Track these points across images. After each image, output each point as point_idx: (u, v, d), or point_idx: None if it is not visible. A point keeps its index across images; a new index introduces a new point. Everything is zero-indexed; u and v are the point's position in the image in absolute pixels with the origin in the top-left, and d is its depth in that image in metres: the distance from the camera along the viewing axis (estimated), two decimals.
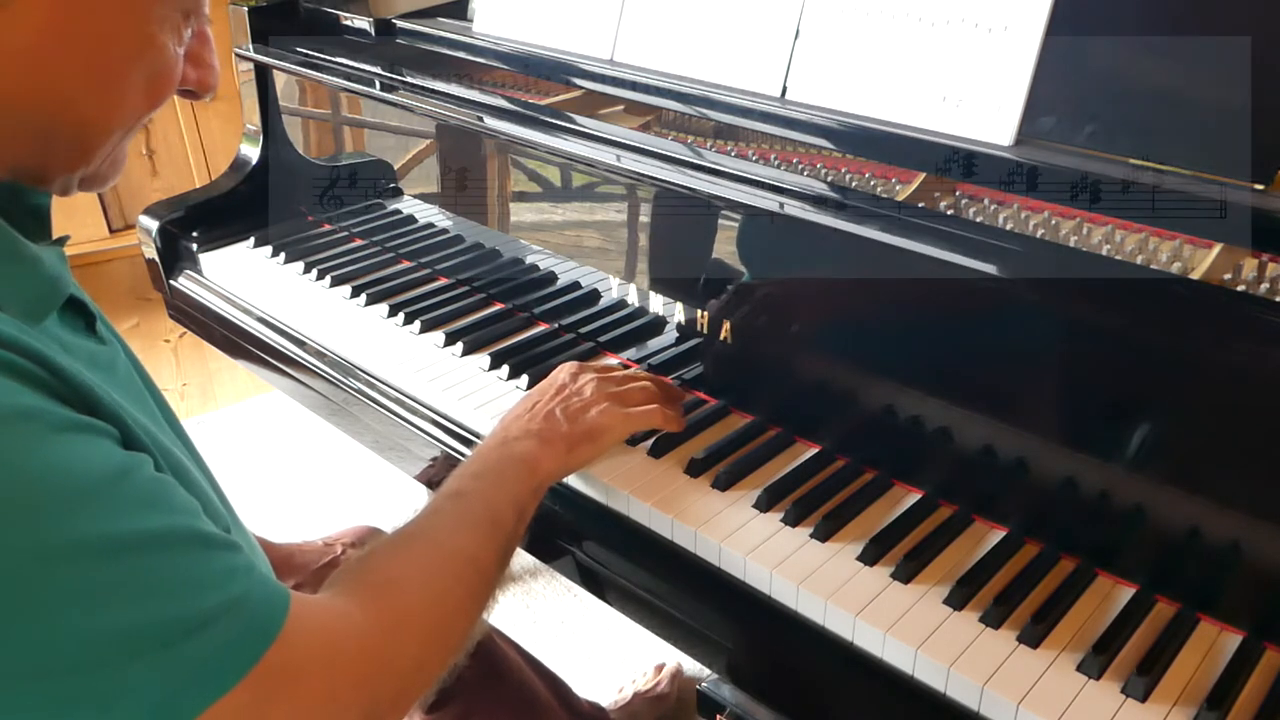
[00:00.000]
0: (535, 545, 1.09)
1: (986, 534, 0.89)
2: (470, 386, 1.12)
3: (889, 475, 0.96)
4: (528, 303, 1.25)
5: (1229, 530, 0.76)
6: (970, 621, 0.80)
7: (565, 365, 0.98)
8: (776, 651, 0.87)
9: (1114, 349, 0.80)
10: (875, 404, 0.94)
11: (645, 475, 0.97)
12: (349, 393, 1.21)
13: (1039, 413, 0.85)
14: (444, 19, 1.45)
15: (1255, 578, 0.77)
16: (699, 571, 0.90)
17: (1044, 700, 0.73)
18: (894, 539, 0.88)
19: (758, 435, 1.02)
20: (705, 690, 0.94)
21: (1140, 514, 0.81)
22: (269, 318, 1.33)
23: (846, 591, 0.83)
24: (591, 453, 0.91)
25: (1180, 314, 0.75)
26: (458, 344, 1.19)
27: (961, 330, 0.87)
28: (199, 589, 0.52)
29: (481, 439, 1.07)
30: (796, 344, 0.99)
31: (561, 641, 1.74)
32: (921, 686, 0.78)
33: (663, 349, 1.12)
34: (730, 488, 0.95)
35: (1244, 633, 0.78)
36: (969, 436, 0.89)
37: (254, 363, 1.36)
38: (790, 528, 0.90)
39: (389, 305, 1.28)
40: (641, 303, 1.13)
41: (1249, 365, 0.73)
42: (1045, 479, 0.85)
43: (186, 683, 0.50)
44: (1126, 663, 0.76)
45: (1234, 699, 0.73)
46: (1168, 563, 0.81)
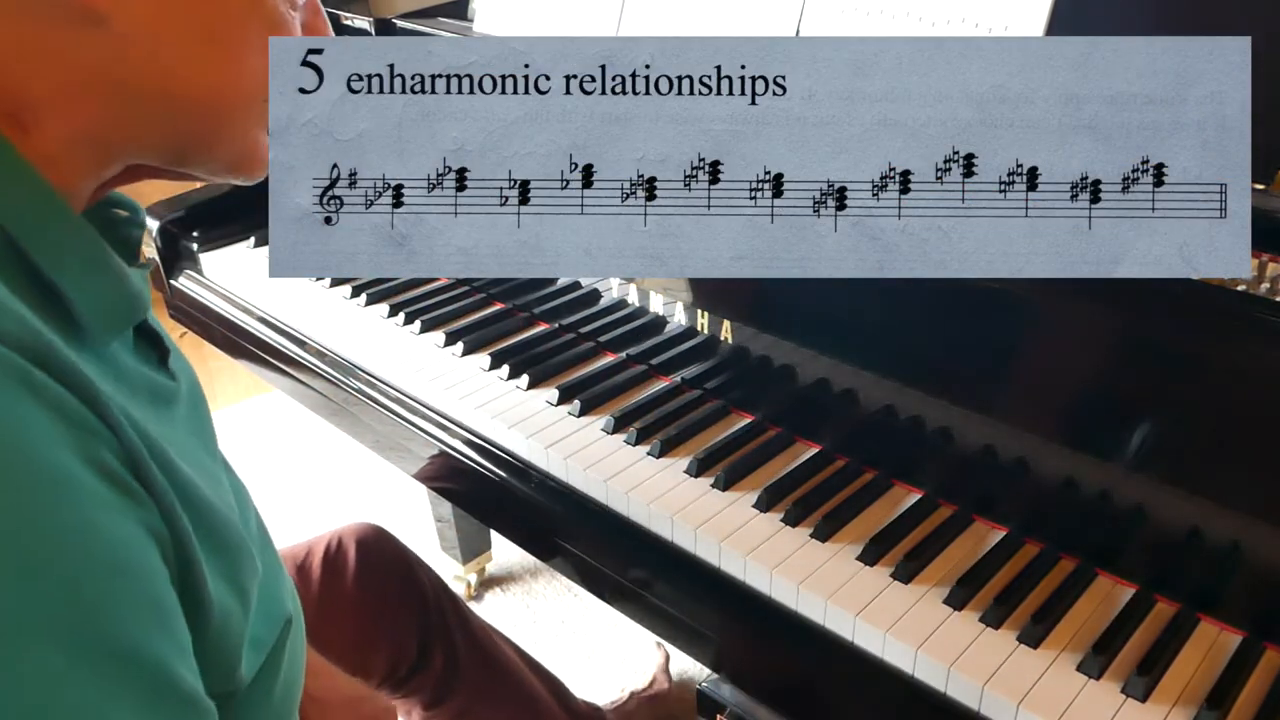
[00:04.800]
0: (535, 545, 1.10)
1: (987, 534, 0.89)
2: (470, 386, 1.12)
3: (889, 475, 0.96)
4: (528, 303, 1.25)
5: (1229, 530, 0.76)
6: (970, 621, 0.80)
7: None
8: (776, 651, 0.87)
9: (1114, 349, 0.80)
10: (875, 404, 0.94)
11: (645, 474, 0.97)
12: (349, 392, 1.21)
13: (1039, 412, 0.85)
14: (444, 19, 1.45)
15: (1255, 578, 0.77)
16: (699, 571, 0.90)
17: (1044, 700, 0.73)
18: (894, 539, 0.88)
19: (758, 435, 1.02)
20: (705, 690, 0.94)
21: (1140, 514, 0.81)
22: (269, 317, 1.33)
23: (846, 591, 0.83)
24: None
25: (1180, 313, 0.75)
26: (458, 344, 1.19)
27: (961, 330, 0.87)
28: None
29: (482, 439, 1.07)
30: (796, 344, 0.99)
31: (561, 641, 1.74)
32: (922, 686, 0.78)
33: (663, 349, 1.12)
34: (730, 487, 0.95)
35: (1244, 633, 0.78)
36: (969, 436, 0.89)
37: (254, 362, 1.36)
38: (790, 528, 0.90)
39: (389, 305, 1.28)
40: (641, 303, 1.13)
41: (1249, 365, 0.73)
42: (1045, 479, 0.85)
43: None
44: (1127, 663, 0.76)
45: (1234, 699, 0.73)
46: (1168, 563, 0.81)
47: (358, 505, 2.07)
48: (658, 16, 1.15)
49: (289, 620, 0.62)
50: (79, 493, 0.44)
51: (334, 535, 1.13)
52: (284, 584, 0.65)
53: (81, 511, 0.43)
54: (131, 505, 0.47)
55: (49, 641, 0.41)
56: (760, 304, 1.02)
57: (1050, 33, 0.88)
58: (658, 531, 0.93)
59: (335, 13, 1.49)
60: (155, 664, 0.46)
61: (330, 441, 2.17)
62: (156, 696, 0.45)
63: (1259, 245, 0.76)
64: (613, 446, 1.01)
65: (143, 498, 0.47)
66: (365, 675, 1.11)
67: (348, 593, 1.10)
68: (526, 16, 1.29)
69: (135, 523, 0.46)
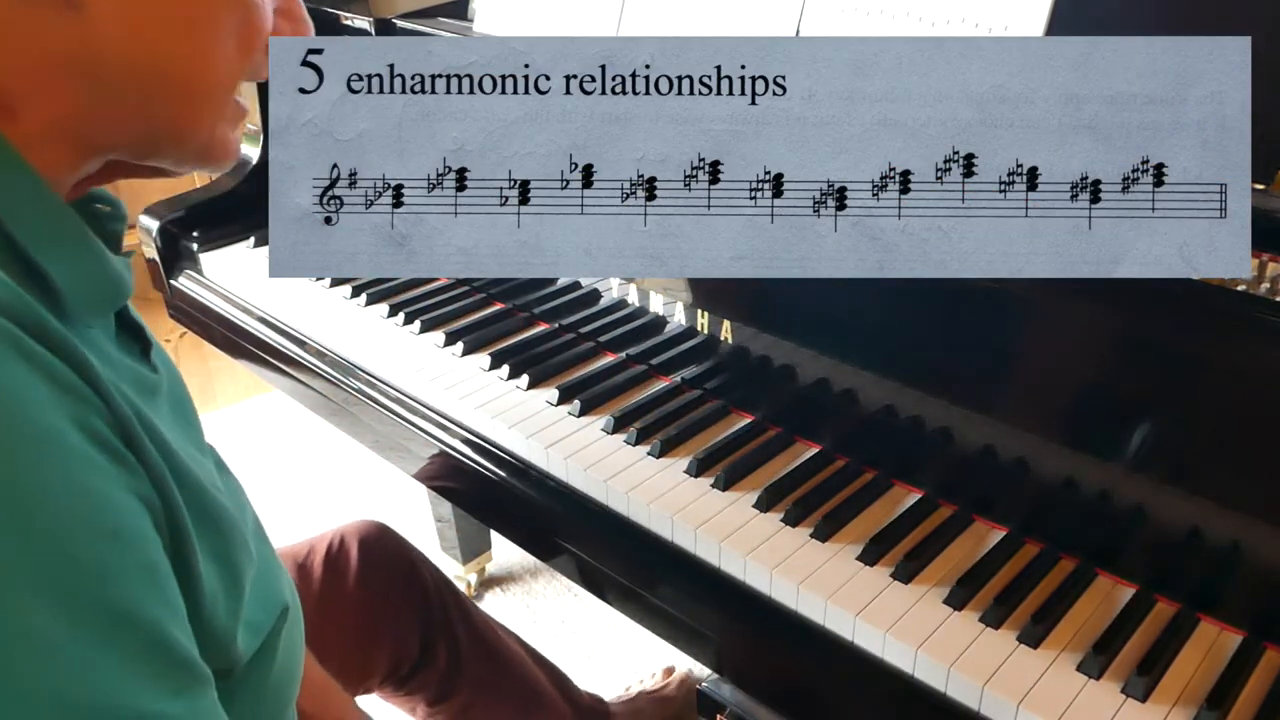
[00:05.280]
0: (535, 545, 1.10)
1: (986, 534, 0.89)
2: (470, 386, 1.12)
3: (889, 475, 0.96)
4: (528, 303, 1.25)
5: (1229, 530, 0.76)
6: (970, 621, 0.80)
7: None
8: (776, 652, 0.87)
9: (1114, 349, 0.80)
10: (875, 404, 0.94)
11: (645, 474, 0.97)
12: (349, 392, 1.21)
13: (1039, 412, 0.85)
14: (444, 19, 1.45)
15: (1255, 578, 0.77)
16: (699, 571, 0.90)
17: (1044, 700, 0.73)
18: (894, 539, 0.88)
19: (758, 435, 1.02)
20: (705, 690, 0.95)
21: (1140, 514, 0.81)
22: (269, 317, 1.33)
23: (846, 591, 0.83)
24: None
25: (1180, 313, 0.75)
26: (458, 344, 1.19)
27: (961, 330, 0.87)
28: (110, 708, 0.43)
29: (482, 439, 1.07)
30: (796, 344, 0.99)
31: (562, 641, 1.74)
32: (922, 686, 0.78)
33: (663, 349, 1.12)
34: (730, 487, 0.95)
35: (1244, 633, 0.78)
36: (969, 436, 0.89)
37: (254, 362, 1.36)
38: (790, 528, 0.90)
39: (389, 305, 1.29)
40: (641, 303, 1.13)
41: (1249, 365, 0.73)
42: (1045, 479, 0.85)
43: None
44: (1127, 663, 0.76)
45: (1234, 699, 0.73)
46: (1168, 563, 0.81)
47: (357, 505, 2.07)
48: (658, 16, 1.15)
49: (286, 609, 0.62)
50: (70, 455, 0.44)
51: (336, 533, 1.13)
52: (282, 577, 0.65)
53: (73, 474, 0.44)
54: (123, 472, 0.47)
55: (40, 598, 0.41)
56: (760, 304, 1.02)
57: (1050, 33, 0.88)
58: (658, 531, 0.93)
59: (335, 13, 1.49)
60: (149, 625, 0.46)
61: (330, 441, 2.17)
62: (151, 656, 0.46)
63: (1259, 245, 0.76)
64: (613, 446, 1.01)
65: (134, 466, 0.48)
66: (367, 673, 1.11)
67: (349, 591, 1.10)
68: (526, 16, 1.29)
69: (125, 489, 0.47)
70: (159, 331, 2.65)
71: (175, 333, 2.31)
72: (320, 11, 1.51)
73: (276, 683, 0.62)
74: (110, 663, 0.44)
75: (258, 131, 1.53)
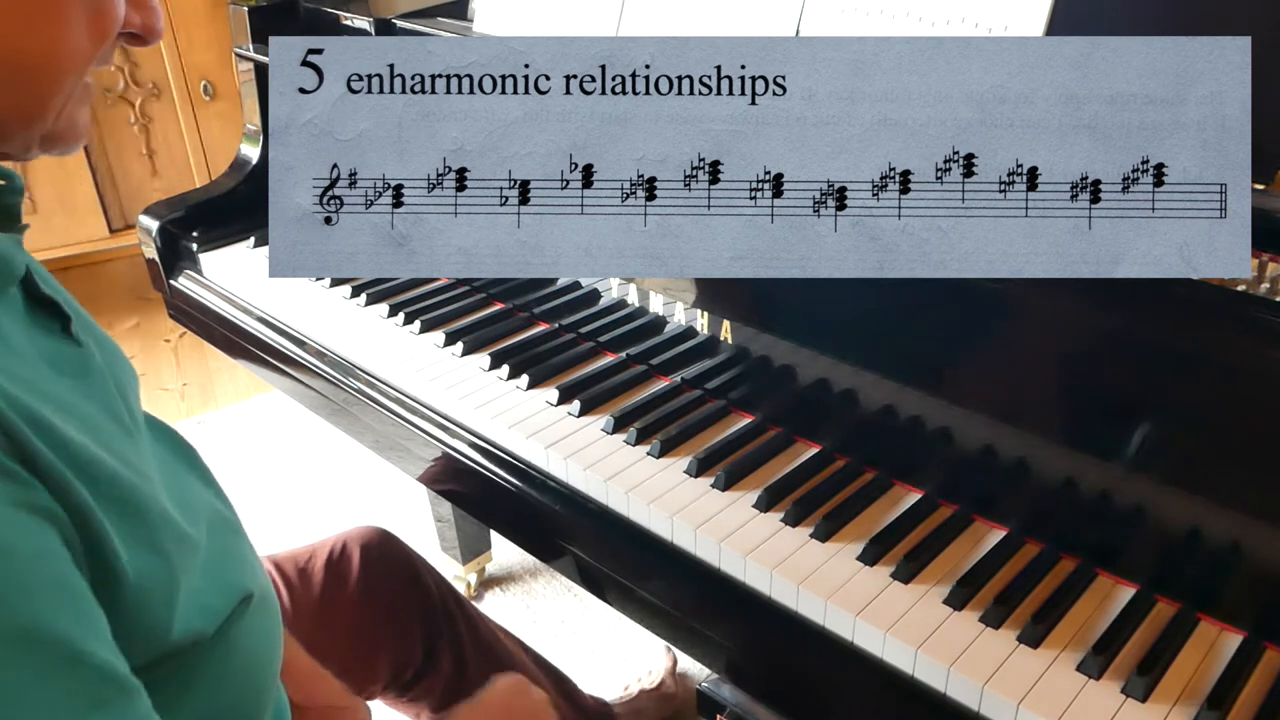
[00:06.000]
0: (535, 545, 1.10)
1: (986, 534, 0.89)
2: (470, 386, 1.12)
3: (889, 475, 0.96)
4: (528, 303, 1.25)
5: (1229, 530, 0.76)
6: (970, 621, 0.80)
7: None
8: (776, 651, 0.87)
9: (1114, 349, 0.80)
10: (875, 404, 0.94)
11: (645, 474, 0.97)
12: (349, 393, 1.21)
13: (1039, 413, 0.85)
14: (444, 19, 1.45)
15: (1255, 578, 0.77)
16: (699, 571, 0.90)
17: (1044, 700, 0.73)
18: (894, 539, 0.88)
19: (758, 435, 1.02)
20: (705, 690, 0.94)
21: (1140, 514, 0.81)
22: (269, 317, 1.33)
23: (846, 591, 0.83)
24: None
25: (1181, 313, 0.75)
26: (458, 344, 1.19)
27: (961, 330, 0.87)
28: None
29: (482, 439, 1.07)
30: (796, 344, 0.99)
31: (562, 641, 1.74)
32: (922, 686, 0.78)
33: (663, 349, 1.12)
34: (730, 488, 0.95)
35: (1244, 633, 0.78)
36: (969, 436, 0.89)
37: (254, 362, 1.36)
38: (790, 528, 0.90)
39: (389, 305, 1.29)
40: (641, 303, 1.13)
41: (1249, 365, 0.73)
42: (1045, 479, 0.85)
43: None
44: (1127, 663, 0.76)
45: (1234, 699, 0.73)
46: (1168, 563, 0.81)
47: (357, 505, 2.07)
48: (658, 16, 1.15)
49: (249, 596, 0.62)
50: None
51: (338, 539, 1.13)
52: (247, 565, 0.64)
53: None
54: (14, 487, 0.46)
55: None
56: (760, 304, 1.02)
57: (1050, 33, 0.88)
58: (658, 532, 0.93)
59: (335, 13, 1.49)
60: (58, 640, 0.45)
61: (330, 441, 2.17)
62: (64, 672, 0.45)
63: (1259, 245, 0.76)
64: (613, 446, 1.01)
65: (25, 479, 0.47)
66: (370, 679, 1.11)
67: (352, 597, 1.10)
68: (526, 16, 1.29)
69: (14, 505, 0.46)
70: (159, 332, 2.65)
71: (175, 333, 2.31)
72: (320, 11, 1.51)
73: (243, 669, 0.62)
74: (20, 681, 0.43)
75: (258, 131, 1.53)
